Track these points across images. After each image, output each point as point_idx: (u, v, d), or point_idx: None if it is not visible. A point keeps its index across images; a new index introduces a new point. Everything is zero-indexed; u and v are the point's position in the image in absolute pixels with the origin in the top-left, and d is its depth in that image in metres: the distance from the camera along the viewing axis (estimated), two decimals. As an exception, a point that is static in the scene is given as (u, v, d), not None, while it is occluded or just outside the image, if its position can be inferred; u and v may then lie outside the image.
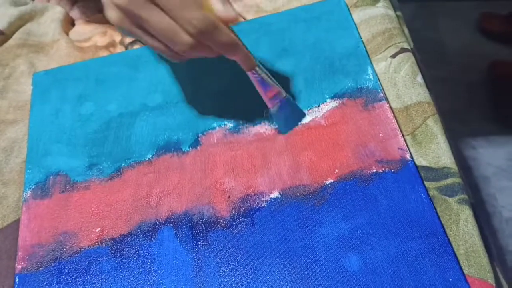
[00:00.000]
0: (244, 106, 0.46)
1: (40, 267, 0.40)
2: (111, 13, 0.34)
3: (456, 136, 1.24)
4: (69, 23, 0.59)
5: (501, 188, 1.22)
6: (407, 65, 0.47)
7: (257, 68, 0.40)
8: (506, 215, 1.18)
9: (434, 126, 0.43)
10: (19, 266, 0.40)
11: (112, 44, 0.56)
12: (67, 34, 0.58)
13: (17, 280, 0.39)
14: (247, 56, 0.39)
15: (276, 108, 0.43)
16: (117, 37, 0.56)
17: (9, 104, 0.52)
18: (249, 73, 0.40)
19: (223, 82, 0.48)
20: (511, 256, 1.13)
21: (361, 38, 0.49)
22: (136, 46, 0.55)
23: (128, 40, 0.55)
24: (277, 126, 0.44)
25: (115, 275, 0.39)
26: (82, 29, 0.58)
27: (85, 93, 0.50)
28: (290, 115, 0.44)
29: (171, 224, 0.40)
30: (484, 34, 1.46)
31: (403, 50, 0.48)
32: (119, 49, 0.55)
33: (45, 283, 0.39)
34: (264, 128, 0.45)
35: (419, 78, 0.46)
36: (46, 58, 0.55)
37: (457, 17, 1.50)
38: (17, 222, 0.43)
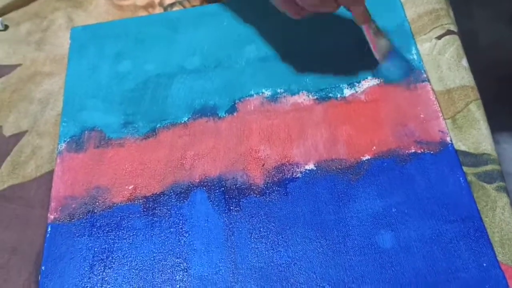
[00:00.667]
0: (283, 75, 0.46)
1: (73, 219, 0.40)
2: None
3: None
4: (109, -20, 0.59)
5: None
6: (452, 48, 0.46)
7: (372, 23, 0.42)
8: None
9: (477, 112, 0.43)
10: (52, 216, 0.40)
11: (151, 5, 0.55)
12: (107, -9, 0.57)
13: (49, 229, 0.40)
14: (366, 9, 0.42)
15: (386, 60, 0.44)
16: (156, -2, 0.56)
17: (46, 56, 0.52)
18: (364, 27, 0.43)
19: (263, 49, 0.48)
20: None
21: (406, 17, 0.48)
22: (175, 8, 0.54)
23: (167, 1, 0.55)
24: (388, 77, 0.45)
25: (146, 232, 0.39)
26: (122, -13, 0.57)
27: (123, 51, 0.50)
28: (400, 65, 0.45)
29: (204, 187, 0.40)
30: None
31: (449, 32, 0.47)
32: (158, 10, 0.55)
33: (76, 234, 0.39)
34: (302, 99, 0.44)
35: (464, 62, 0.45)
36: (85, 14, 0.55)
37: (491, 8, 1.46)
38: (50, 173, 0.43)
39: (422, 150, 0.40)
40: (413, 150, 0.40)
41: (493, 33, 1.42)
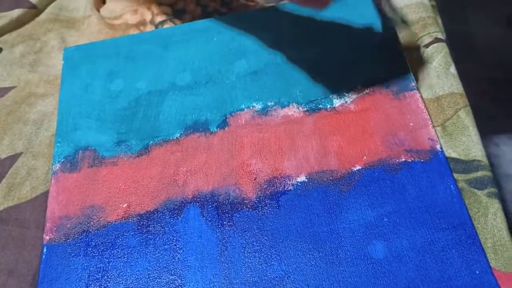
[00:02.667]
0: (273, 88, 0.46)
1: (68, 239, 0.40)
2: None
3: (479, 132, 1.22)
4: (101, 0, 0.59)
5: (525, 187, 1.20)
6: (440, 55, 0.47)
7: None
8: (529, 214, 1.16)
9: (466, 118, 0.43)
10: (47, 237, 0.41)
11: (142, 23, 0.56)
12: (98, 10, 0.58)
13: (45, 250, 0.40)
14: None
15: None
16: (148, 16, 0.56)
17: (40, 77, 0.52)
18: None
19: (252, 64, 0.48)
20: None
21: (394, 26, 0.48)
22: (166, 26, 0.55)
23: (158, 19, 0.55)
24: None
25: (140, 250, 0.39)
26: (113, 6, 0.58)
27: (115, 70, 0.50)
28: None
29: (197, 203, 0.41)
30: (512, 28, 1.43)
31: (437, 40, 0.48)
32: (149, 28, 0.55)
33: (72, 254, 0.40)
34: (292, 111, 0.44)
35: (452, 69, 0.46)
36: (77, 34, 0.56)
37: (487, 12, 1.47)
38: (45, 194, 0.44)
39: (412, 159, 0.40)
40: (403, 159, 0.40)
41: (490, 36, 1.42)
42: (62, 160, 0.45)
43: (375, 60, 0.46)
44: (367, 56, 0.47)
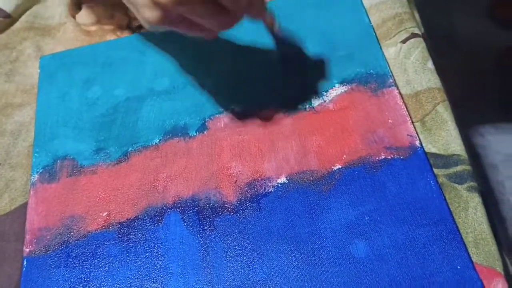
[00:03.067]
0: (251, 91, 0.46)
1: (48, 251, 0.40)
2: (150, 14, 0.33)
3: (464, 123, 1.23)
4: (76, 6, 0.59)
5: (510, 176, 1.21)
6: (417, 51, 0.47)
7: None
8: (515, 203, 1.17)
9: (444, 113, 0.43)
10: (27, 249, 0.40)
11: (119, 28, 0.55)
12: (74, 17, 0.57)
13: (25, 263, 0.40)
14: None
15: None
16: (124, 21, 0.56)
17: (16, 87, 0.51)
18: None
19: (230, 66, 0.48)
20: (519, 243, 1.12)
21: (371, 23, 0.48)
22: (143, 30, 0.54)
23: (135, 23, 0.55)
24: None
25: (122, 259, 0.39)
26: (89, 13, 0.57)
27: (92, 77, 0.50)
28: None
29: (177, 209, 0.40)
30: (496, 22, 1.44)
31: (413, 35, 0.48)
32: (126, 33, 0.55)
33: (53, 266, 0.39)
34: (271, 112, 0.44)
35: (430, 64, 0.46)
36: (53, 41, 0.55)
37: (469, 4, 1.48)
38: (24, 205, 0.43)
39: (392, 156, 0.40)
40: (383, 157, 0.40)
41: (473, 28, 1.43)
42: (41, 171, 0.44)
43: (353, 57, 0.46)
44: (345, 54, 0.46)
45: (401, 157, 0.40)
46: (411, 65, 0.46)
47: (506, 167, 1.22)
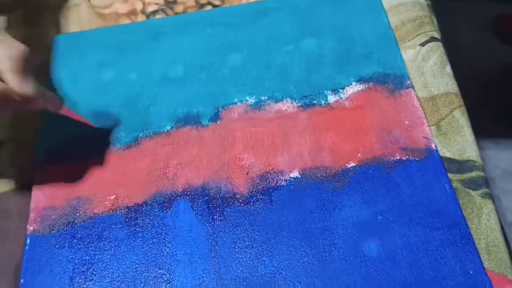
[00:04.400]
0: (266, 83, 0.45)
1: (52, 230, 0.39)
2: None
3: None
4: (92, -12, 0.58)
5: (506, 191, 1.21)
6: (436, 55, 0.46)
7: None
8: (510, 219, 1.17)
9: (461, 118, 0.43)
10: (31, 228, 0.39)
11: (133, 12, 0.55)
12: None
13: (28, 241, 0.39)
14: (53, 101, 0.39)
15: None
16: (139, 5, 0.55)
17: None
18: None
19: (246, 57, 0.47)
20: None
21: (390, 24, 0.48)
22: (158, 16, 0.53)
23: (150, 8, 0.54)
24: None
25: (128, 243, 0.38)
26: (104, -5, 0.57)
27: (105, 60, 0.49)
28: None
29: (187, 197, 0.40)
30: (499, 36, 1.44)
31: (433, 39, 0.47)
32: (140, 17, 0.54)
33: (56, 246, 0.38)
34: (286, 106, 0.44)
35: (448, 69, 0.45)
36: (67, 22, 0.54)
37: (474, 17, 1.48)
38: (29, 184, 0.42)
39: (407, 157, 0.40)
40: (398, 157, 0.40)
41: (476, 41, 1.43)
42: (48, 151, 0.43)
43: (371, 57, 0.46)
44: (363, 53, 0.46)
45: (416, 159, 0.40)
46: (429, 69, 0.46)
47: (503, 182, 1.22)
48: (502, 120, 1.29)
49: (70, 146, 0.43)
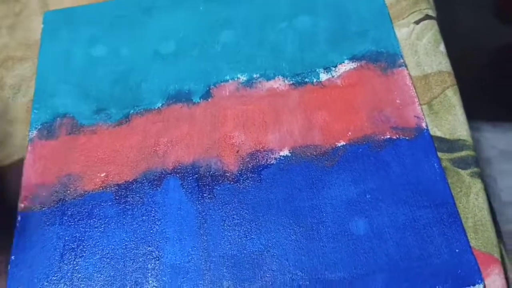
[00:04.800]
0: (258, 60, 0.45)
1: (43, 207, 0.39)
2: None
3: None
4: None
5: (502, 172, 1.21)
6: (430, 33, 0.46)
7: None
8: (505, 199, 1.18)
9: (453, 97, 0.42)
10: (22, 205, 0.40)
11: (126, -12, 0.54)
12: (81, -26, 0.56)
13: (19, 218, 0.39)
14: None
15: None
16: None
17: (18, 41, 0.50)
18: None
19: (239, 34, 0.47)
20: (509, 238, 1.13)
21: (384, 1, 0.47)
22: (151, -8, 0.53)
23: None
24: None
25: (118, 220, 0.38)
26: (97, -30, 0.56)
27: (96, 36, 0.48)
28: None
29: (177, 175, 0.40)
30: (499, 16, 1.42)
31: (427, 17, 0.47)
32: (134, -6, 0.54)
33: (47, 223, 0.39)
34: (277, 84, 0.44)
35: (442, 47, 0.45)
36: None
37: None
38: (21, 161, 0.42)
39: (397, 136, 0.40)
40: (388, 136, 0.40)
41: (475, 21, 1.41)
42: (39, 127, 0.43)
43: (364, 35, 0.45)
44: (357, 30, 0.46)
45: (407, 138, 0.40)
46: (422, 47, 0.45)
47: (499, 163, 1.22)
48: (500, 102, 1.28)
49: (62, 122, 0.43)
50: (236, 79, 0.44)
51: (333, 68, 0.44)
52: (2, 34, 0.51)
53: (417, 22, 0.47)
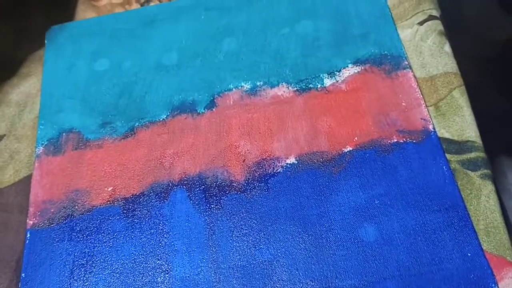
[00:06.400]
0: (261, 68, 0.45)
1: (52, 224, 0.39)
2: None
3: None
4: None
5: (512, 166, 1.19)
6: (434, 34, 0.45)
7: None
8: (516, 194, 1.16)
9: (460, 98, 0.42)
10: (31, 222, 0.40)
11: (127, 2, 0.54)
12: (83, -11, 0.56)
13: (28, 235, 0.39)
14: None
15: None
16: (134, -6, 0.55)
17: (23, 57, 0.51)
18: None
19: (241, 42, 0.47)
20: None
21: (387, 2, 0.47)
22: (152, 4, 0.53)
23: (144, -4, 0.54)
24: None
25: (126, 234, 0.38)
26: (98, -16, 0.56)
27: (99, 49, 0.49)
28: None
29: (184, 186, 0.40)
30: (505, 8, 1.41)
31: (431, 17, 0.46)
32: (135, 6, 0.54)
33: (56, 239, 0.39)
34: (282, 91, 0.43)
35: (447, 48, 0.44)
36: (62, 14, 0.54)
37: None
38: (29, 177, 0.43)
39: (404, 140, 0.39)
40: (395, 140, 0.39)
41: (481, 13, 1.40)
42: (46, 143, 0.43)
43: (367, 37, 0.45)
44: (359, 33, 0.45)
45: (414, 141, 0.39)
46: (427, 48, 0.45)
47: (508, 157, 1.21)
48: (507, 95, 1.27)
49: (68, 137, 0.43)
50: (239, 87, 0.44)
51: (337, 73, 0.43)
52: (7, 50, 0.51)
53: (421, 23, 0.46)
